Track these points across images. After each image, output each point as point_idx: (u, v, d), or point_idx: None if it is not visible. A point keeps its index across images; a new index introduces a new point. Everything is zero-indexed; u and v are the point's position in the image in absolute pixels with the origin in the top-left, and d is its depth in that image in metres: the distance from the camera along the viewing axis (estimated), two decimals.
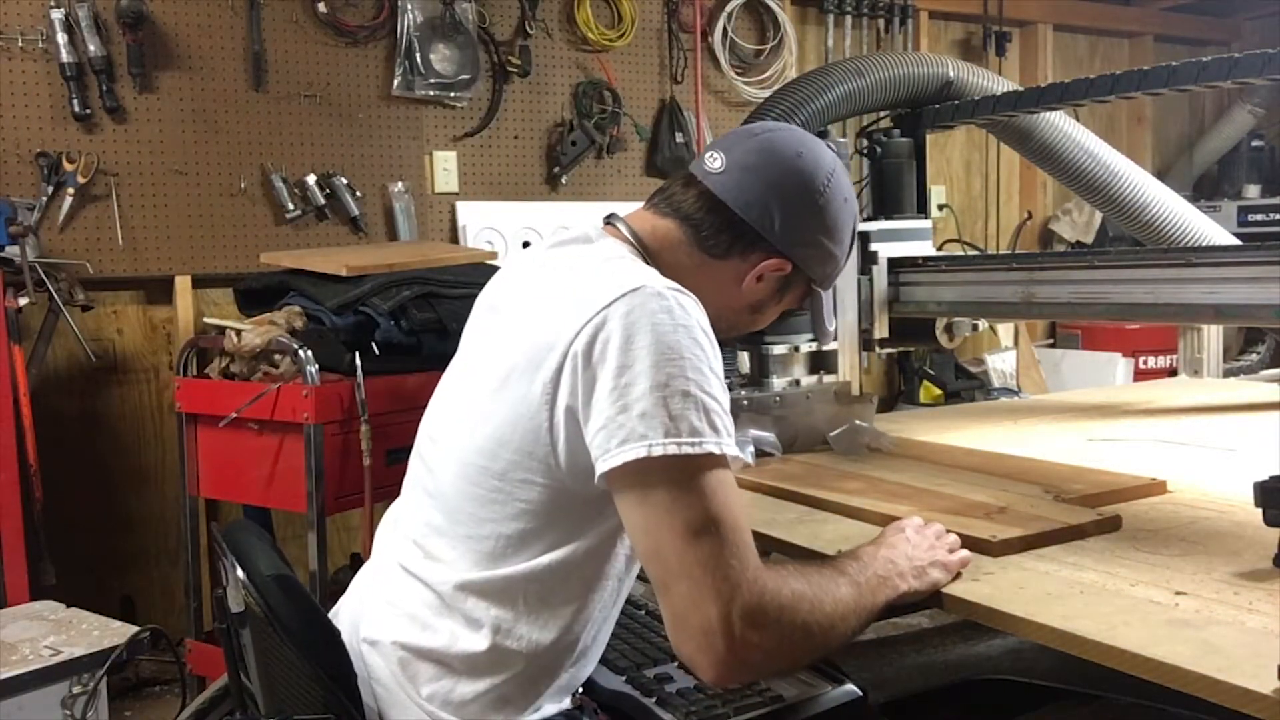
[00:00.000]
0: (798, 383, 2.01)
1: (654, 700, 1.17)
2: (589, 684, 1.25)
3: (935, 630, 2.00)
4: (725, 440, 1.07)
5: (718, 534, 1.03)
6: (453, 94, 3.45)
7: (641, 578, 1.27)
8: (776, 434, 1.89)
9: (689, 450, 1.04)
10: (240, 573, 1.16)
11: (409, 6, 3.34)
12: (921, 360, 4.34)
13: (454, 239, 3.50)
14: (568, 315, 1.10)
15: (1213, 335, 2.88)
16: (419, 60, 3.36)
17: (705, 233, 1.29)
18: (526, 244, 3.56)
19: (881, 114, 2.32)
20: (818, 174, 1.31)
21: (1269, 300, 1.52)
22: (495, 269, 2.97)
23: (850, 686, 1.18)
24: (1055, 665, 1.71)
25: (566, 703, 1.22)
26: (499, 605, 1.16)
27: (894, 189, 2.26)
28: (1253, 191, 5.10)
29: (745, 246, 1.30)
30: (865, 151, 2.29)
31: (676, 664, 1.23)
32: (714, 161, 1.31)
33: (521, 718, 1.17)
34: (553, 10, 3.65)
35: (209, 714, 1.47)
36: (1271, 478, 1.16)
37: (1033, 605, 1.14)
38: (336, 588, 2.83)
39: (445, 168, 3.49)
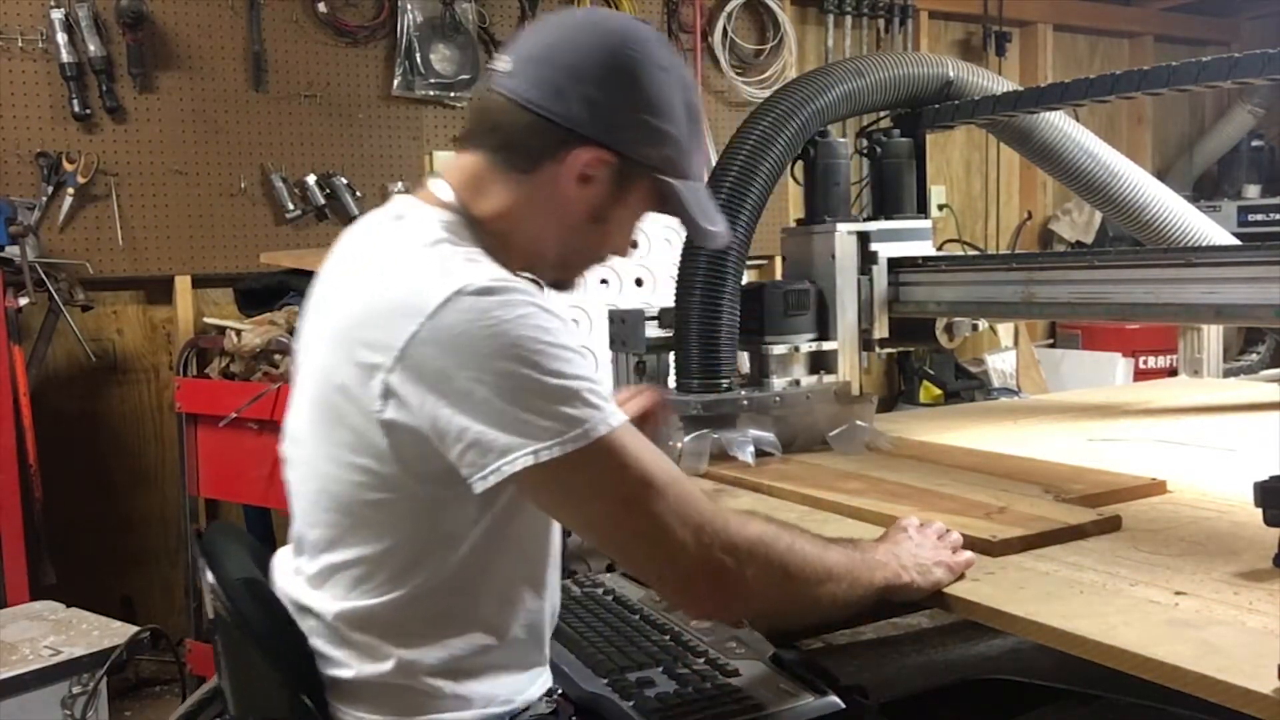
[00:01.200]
0: (798, 383, 1.99)
1: (631, 704, 1.16)
2: (569, 684, 1.23)
3: (935, 630, 2.00)
4: (606, 411, 1.02)
5: (652, 494, 1.03)
6: (453, 94, 3.45)
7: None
8: (776, 434, 1.89)
9: (577, 445, 0.99)
10: (210, 577, 1.15)
11: (409, 6, 3.34)
12: (921, 360, 4.34)
13: None
14: (387, 334, 1.02)
15: (1213, 335, 2.88)
16: (419, 60, 3.36)
17: (510, 151, 1.16)
18: None
19: (881, 114, 2.31)
20: (621, 43, 1.14)
21: (1269, 300, 1.52)
22: None
23: (833, 698, 1.17)
24: (1055, 665, 1.71)
25: (538, 689, 1.18)
26: (388, 636, 1.10)
27: (894, 189, 2.25)
28: (1253, 191, 5.10)
29: (555, 146, 1.14)
30: (865, 151, 2.28)
31: (661, 669, 1.23)
32: (502, 64, 1.15)
33: (491, 710, 1.13)
34: (553, 10, 3.65)
35: (199, 715, 1.47)
36: (1271, 478, 1.16)
37: (1033, 605, 1.14)
38: None
39: None
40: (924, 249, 2.19)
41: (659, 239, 3.82)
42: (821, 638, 2.09)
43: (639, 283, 3.76)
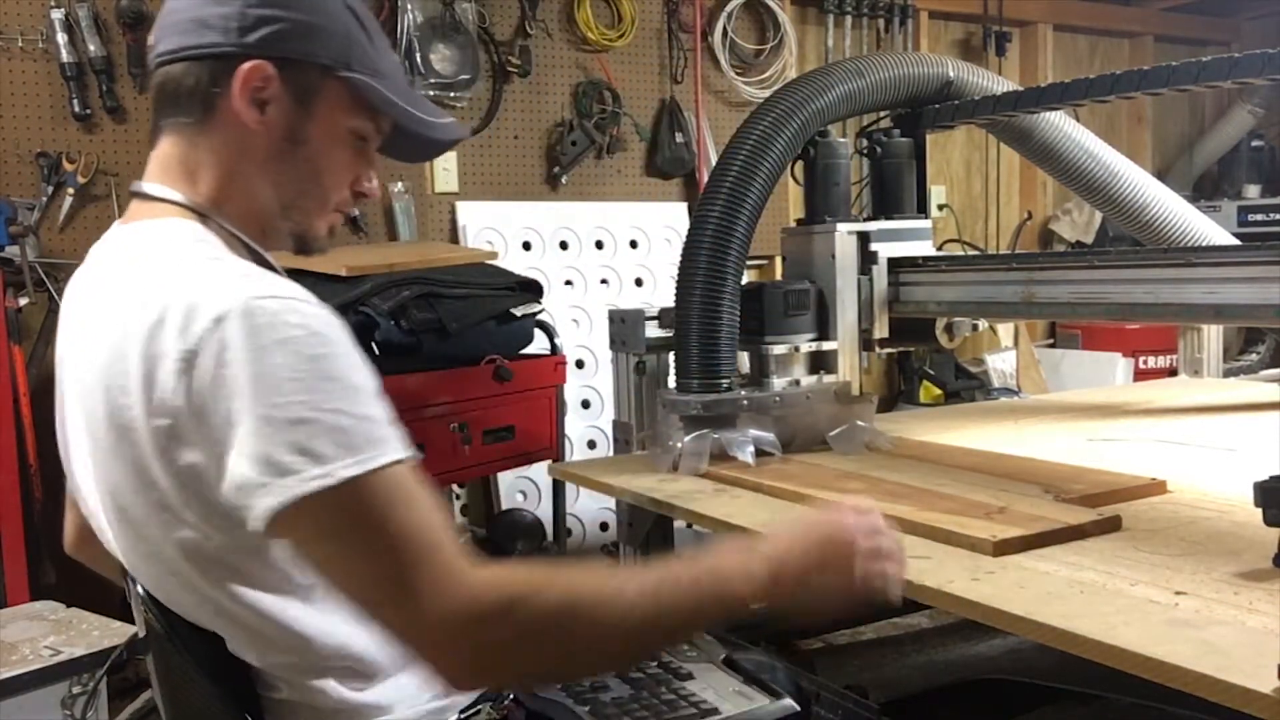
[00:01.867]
0: (798, 383, 1.99)
1: (587, 709, 1.16)
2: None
3: (935, 630, 2.00)
4: (365, 456, 0.94)
5: (393, 549, 0.92)
6: (453, 94, 3.45)
7: None
8: (776, 434, 1.89)
9: (322, 483, 0.90)
10: (140, 587, 1.08)
11: (409, 6, 3.34)
12: (921, 360, 4.34)
13: (454, 239, 3.50)
14: (131, 366, 0.95)
15: (1213, 335, 2.88)
16: (419, 60, 3.36)
17: (180, 106, 1.09)
18: (527, 244, 3.56)
19: (881, 114, 2.32)
20: None
21: (1269, 300, 1.52)
22: (496, 269, 2.98)
23: (787, 701, 1.17)
24: (1055, 665, 1.71)
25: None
26: (292, 656, 1.06)
27: (894, 189, 2.25)
28: (1253, 191, 5.10)
29: (213, 77, 1.07)
30: (865, 151, 2.28)
31: (614, 673, 1.21)
32: (150, 44, 1.11)
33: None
34: (553, 10, 3.65)
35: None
36: (1271, 478, 1.16)
37: (1033, 605, 1.14)
38: None
39: (445, 168, 3.49)
40: (924, 249, 2.20)
41: (659, 239, 3.83)
42: (822, 638, 2.10)
43: (639, 283, 3.77)
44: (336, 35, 1.11)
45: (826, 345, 2.04)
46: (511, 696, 1.18)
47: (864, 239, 2.10)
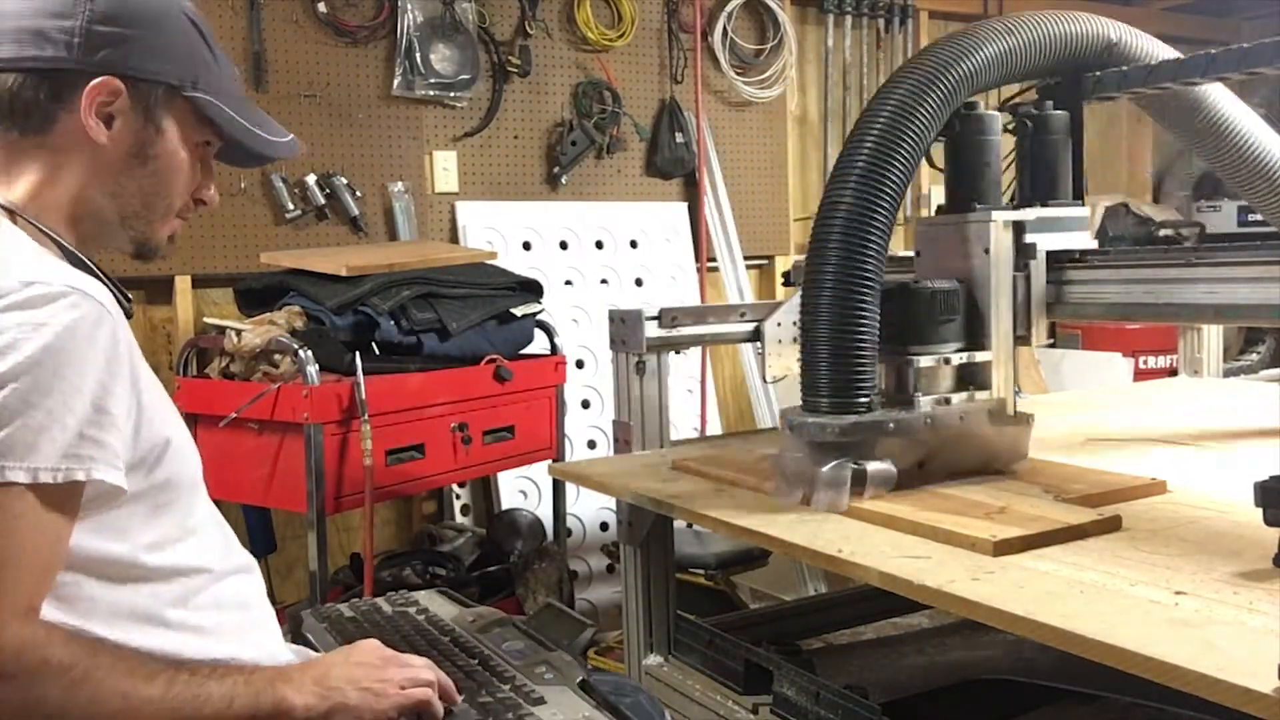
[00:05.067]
0: (947, 400, 1.69)
1: None
2: None
3: (935, 630, 2.00)
4: (5, 465, 0.95)
5: None
6: (453, 94, 3.45)
7: None
8: (922, 460, 1.63)
9: None
10: None
11: (409, 6, 3.34)
12: None
13: (454, 239, 3.50)
14: None
15: (1213, 335, 2.88)
16: (419, 60, 3.36)
17: (14, 117, 1.09)
18: (527, 244, 3.56)
19: (1025, 86, 1.98)
20: None
21: (1269, 300, 1.52)
22: (496, 269, 2.98)
23: None
24: (1055, 665, 1.71)
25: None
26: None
27: (1049, 171, 1.89)
28: None
29: (57, 92, 1.08)
30: (1013, 128, 1.93)
31: (463, 698, 1.19)
32: None
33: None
34: (553, 10, 3.65)
35: None
36: (1271, 478, 1.16)
37: (1033, 605, 1.14)
38: (336, 587, 2.84)
39: (445, 168, 3.49)
40: (1083, 240, 1.86)
41: (659, 239, 3.83)
42: (822, 637, 2.10)
43: (639, 283, 3.77)
44: (182, 54, 1.15)
45: (979, 356, 1.73)
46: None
47: (1019, 229, 1.77)
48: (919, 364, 1.67)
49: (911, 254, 1.90)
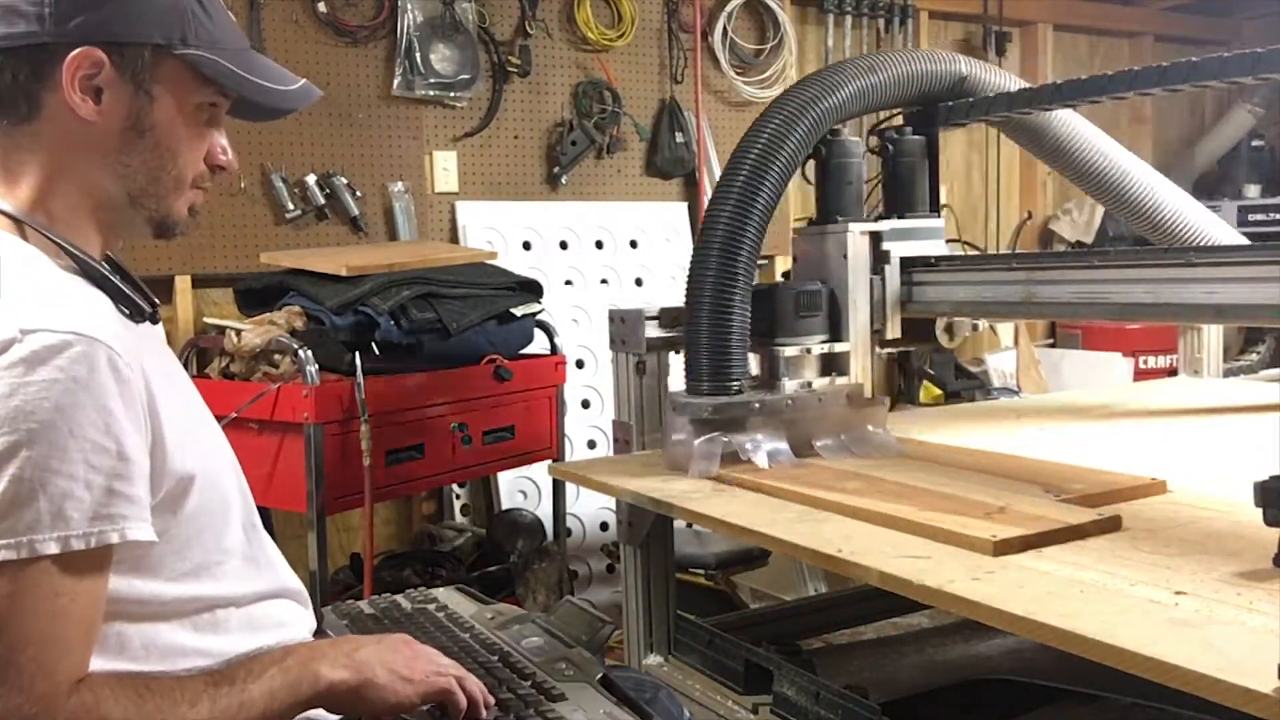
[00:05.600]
0: (809, 385, 1.95)
1: None
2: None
3: (935, 630, 2.00)
4: (26, 541, 0.91)
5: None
6: (453, 94, 3.45)
7: None
8: (788, 438, 1.86)
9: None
10: None
11: (409, 6, 3.34)
12: (922, 360, 4.33)
13: (454, 239, 3.50)
14: None
15: (1213, 335, 2.88)
16: (419, 60, 3.36)
17: (4, 108, 1.04)
18: (527, 244, 3.56)
19: (893, 112, 2.28)
20: None
21: (1269, 300, 1.52)
22: (496, 269, 2.98)
23: None
24: (1055, 665, 1.71)
25: None
26: None
27: (907, 187, 2.21)
28: (1253, 191, 5.10)
29: (36, 71, 1.02)
30: (877, 150, 2.24)
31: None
32: None
33: None
34: (553, 10, 3.64)
35: None
36: (1271, 478, 1.16)
37: (1033, 605, 1.14)
38: (337, 587, 2.84)
39: (445, 168, 3.49)
40: (937, 248, 2.16)
41: (659, 239, 3.83)
42: (822, 637, 2.10)
43: (639, 283, 3.77)
44: (164, 9, 1.06)
45: (839, 347, 2.01)
46: None
47: (876, 238, 2.07)
48: (784, 353, 1.95)
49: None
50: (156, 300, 1.16)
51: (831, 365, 2.00)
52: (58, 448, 0.92)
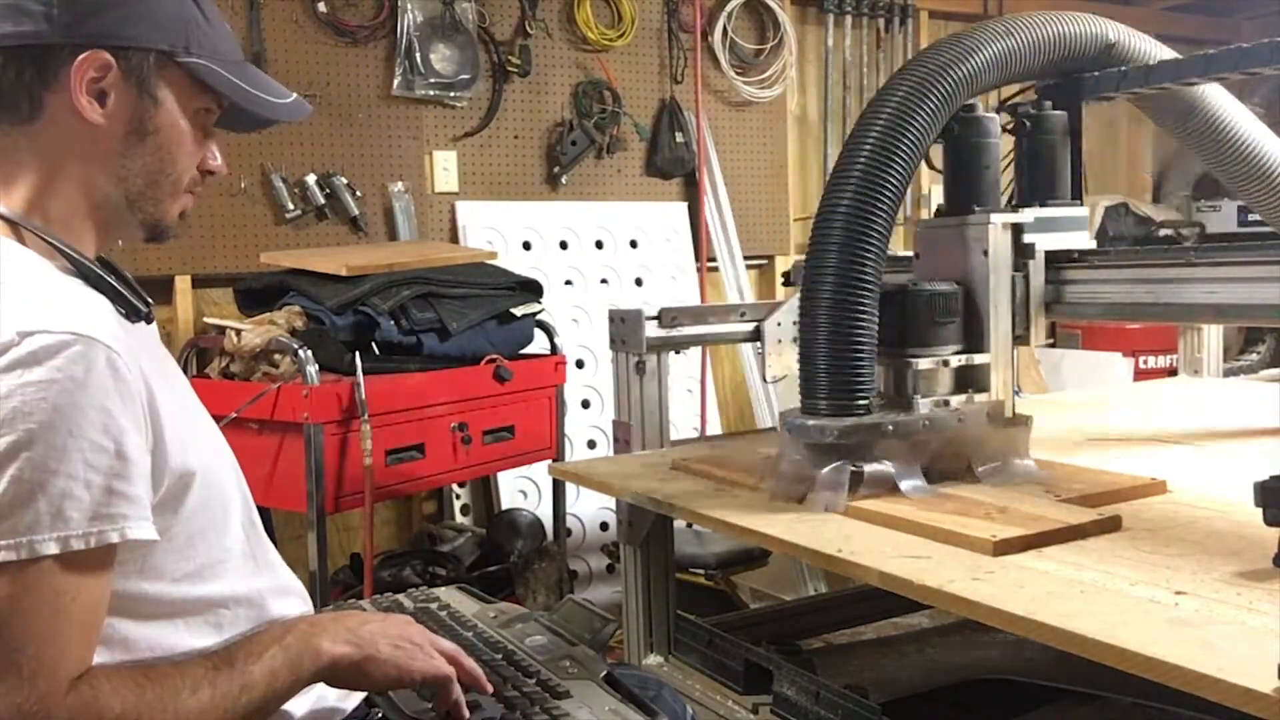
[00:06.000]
0: (946, 403, 1.68)
1: None
2: (389, 705, 1.20)
3: (935, 630, 2.00)
4: (26, 541, 0.92)
5: None
6: (453, 94, 3.45)
7: None
8: (918, 460, 1.61)
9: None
10: None
11: (409, 6, 3.34)
12: None
13: (454, 239, 3.50)
14: None
15: (1213, 335, 2.88)
16: (419, 60, 3.36)
17: (5, 107, 1.04)
18: (527, 244, 3.56)
19: (1021, 86, 1.98)
20: None
21: (1269, 300, 1.52)
22: (496, 269, 2.98)
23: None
24: (1055, 665, 1.71)
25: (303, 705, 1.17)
26: None
27: (1048, 171, 1.89)
28: None
29: (41, 72, 1.03)
30: (1011, 128, 1.93)
31: (492, 693, 1.18)
32: None
33: None
34: (553, 10, 3.65)
35: None
36: (1271, 478, 1.16)
37: (1033, 605, 1.14)
38: (337, 587, 2.84)
39: (445, 167, 3.49)
40: (1081, 240, 1.86)
41: (659, 239, 3.83)
42: (822, 637, 2.10)
43: (639, 283, 3.77)
44: (171, 17, 1.07)
45: (978, 358, 1.72)
46: (380, 715, 1.18)
47: (1017, 231, 1.77)
48: (918, 366, 1.67)
49: (909, 254, 1.90)
50: (150, 300, 1.16)
51: (967, 380, 1.73)
52: (56, 448, 0.92)
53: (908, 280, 1.74)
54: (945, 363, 1.69)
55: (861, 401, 1.59)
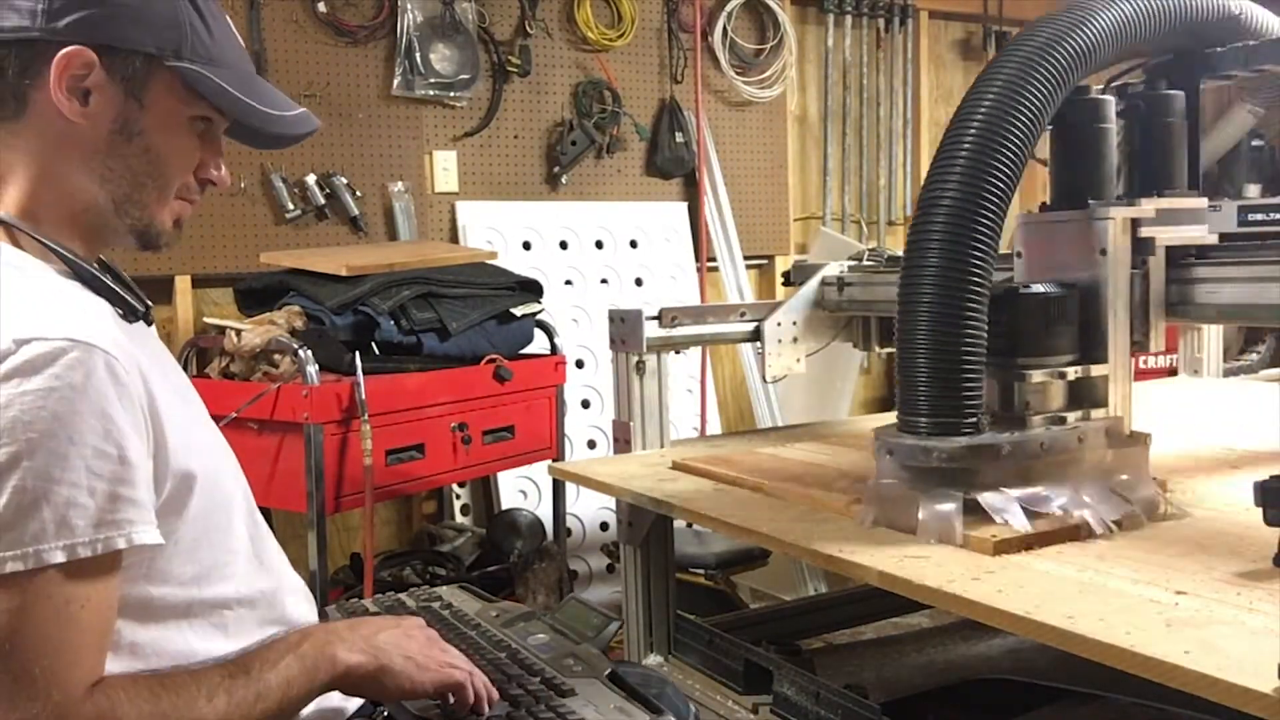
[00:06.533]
0: (1063, 420, 1.50)
1: None
2: (396, 705, 1.19)
3: (935, 630, 2.00)
4: (32, 551, 0.91)
5: (6, 661, 0.91)
6: (453, 94, 3.45)
7: None
8: (1029, 484, 1.43)
9: None
10: None
11: (409, 6, 3.34)
12: None
13: (454, 239, 3.50)
14: None
15: (1213, 335, 2.88)
16: (419, 60, 3.36)
17: None
18: (527, 244, 3.56)
19: (1128, 65, 1.77)
20: None
21: (1269, 300, 1.51)
22: (496, 269, 2.98)
23: (669, 718, 1.16)
24: (1055, 665, 1.71)
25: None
26: None
27: (1165, 157, 1.69)
28: (1253, 191, 5.09)
29: (24, 66, 1.02)
30: (1122, 110, 1.70)
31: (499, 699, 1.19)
32: None
33: None
34: (553, 10, 3.65)
35: None
36: (1272, 478, 1.16)
37: (1033, 605, 1.14)
38: (337, 588, 2.84)
39: (445, 167, 3.49)
40: (1202, 234, 1.66)
41: (659, 239, 3.83)
42: (822, 637, 2.10)
43: (639, 283, 3.77)
44: (163, 20, 1.05)
45: (1096, 370, 1.53)
46: (386, 713, 1.18)
47: (1134, 226, 1.58)
48: (1031, 379, 1.48)
49: (1009, 252, 1.68)
50: (149, 301, 1.16)
51: (1082, 395, 1.55)
52: (58, 456, 0.92)
53: (1008, 280, 1.58)
54: (1061, 374, 1.50)
55: (970, 420, 1.42)
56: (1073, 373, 1.51)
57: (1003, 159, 1.41)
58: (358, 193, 3.31)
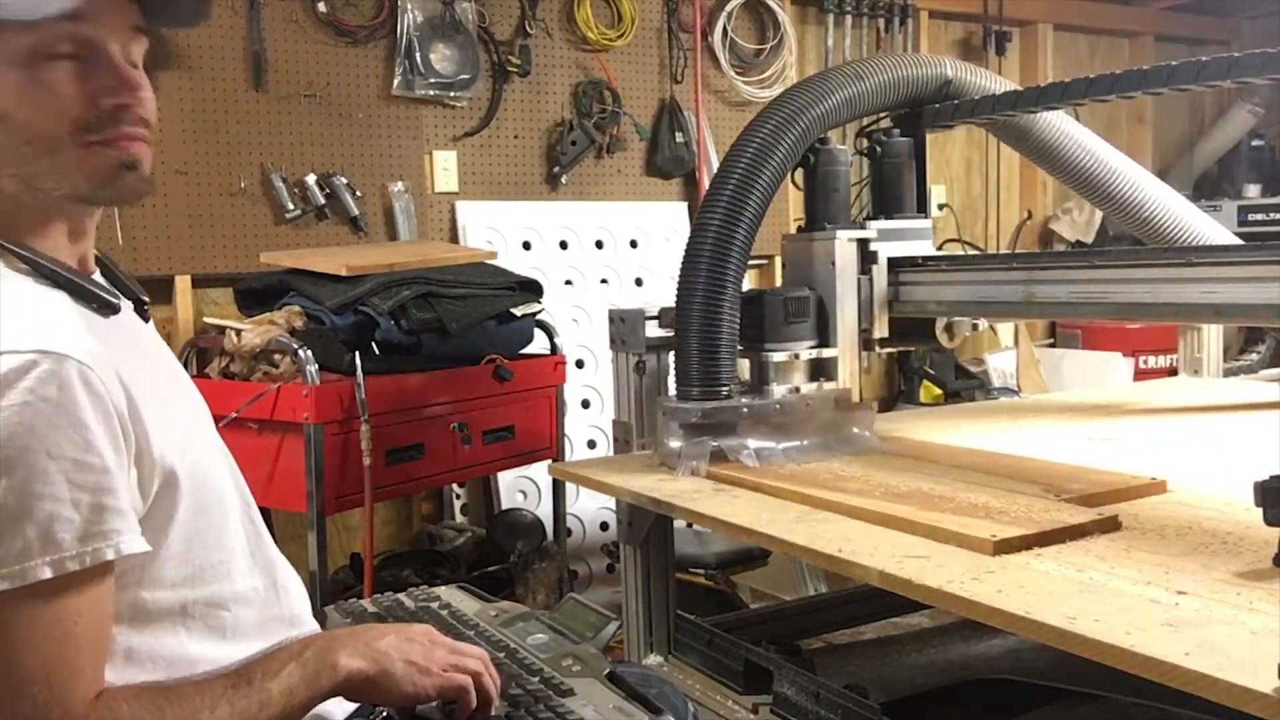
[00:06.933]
0: (798, 390, 2.00)
1: None
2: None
3: (935, 630, 2.00)
4: (19, 569, 0.90)
5: (4, 680, 0.91)
6: (453, 94, 3.45)
7: None
8: (776, 441, 1.89)
9: None
10: None
11: (409, 6, 3.34)
12: (921, 360, 4.34)
13: (454, 239, 3.50)
14: None
15: (1213, 335, 2.88)
16: (419, 60, 3.36)
17: None
18: (527, 244, 3.56)
19: (881, 114, 2.33)
20: None
21: (1269, 300, 1.52)
22: (495, 269, 2.98)
23: (668, 718, 1.16)
24: (1055, 665, 1.71)
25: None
26: None
27: (894, 189, 2.26)
28: (1253, 191, 5.10)
29: None
30: (865, 152, 2.30)
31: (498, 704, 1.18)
32: None
33: None
34: (553, 10, 3.64)
35: None
36: (1272, 478, 1.16)
37: (1033, 605, 1.14)
38: (337, 587, 2.84)
39: (445, 167, 3.49)
40: (924, 249, 2.21)
41: (659, 239, 3.83)
42: (821, 637, 2.10)
43: (639, 283, 3.77)
44: None
45: (827, 352, 2.06)
46: (385, 714, 1.18)
47: (863, 243, 2.12)
48: (773, 359, 1.99)
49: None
50: (145, 296, 1.15)
51: (820, 370, 2.05)
52: (38, 471, 0.90)
53: (763, 288, 2.06)
54: (797, 356, 2.02)
55: (724, 388, 1.91)
56: (808, 354, 2.04)
57: (752, 200, 1.94)
58: (358, 193, 3.31)
